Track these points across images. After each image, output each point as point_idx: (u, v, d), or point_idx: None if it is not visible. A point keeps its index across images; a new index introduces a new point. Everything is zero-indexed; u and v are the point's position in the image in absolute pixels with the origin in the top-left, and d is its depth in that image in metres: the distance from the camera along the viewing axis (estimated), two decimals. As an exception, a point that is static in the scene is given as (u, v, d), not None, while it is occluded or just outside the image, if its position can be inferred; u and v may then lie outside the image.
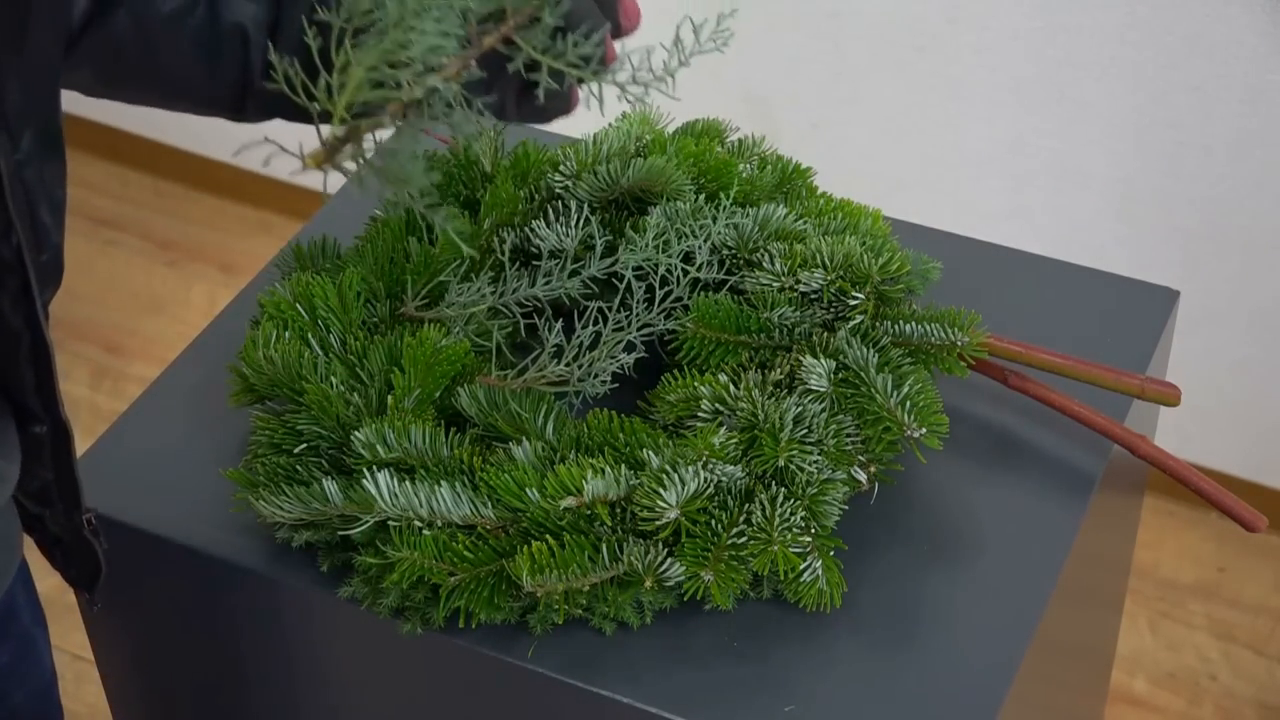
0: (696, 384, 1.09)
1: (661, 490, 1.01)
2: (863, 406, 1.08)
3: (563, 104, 1.05)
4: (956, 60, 2.09)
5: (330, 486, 1.05)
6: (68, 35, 1.00)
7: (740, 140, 1.29)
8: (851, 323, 1.12)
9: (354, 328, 1.14)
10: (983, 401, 1.19)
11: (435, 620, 1.04)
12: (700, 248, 1.15)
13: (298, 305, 1.14)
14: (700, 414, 1.08)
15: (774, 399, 1.07)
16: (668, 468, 1.03)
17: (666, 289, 1.14)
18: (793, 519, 1.03)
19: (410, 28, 0.90)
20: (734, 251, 1.16)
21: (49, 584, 2.31)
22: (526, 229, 1.19)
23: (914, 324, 1.11)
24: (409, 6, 0.91)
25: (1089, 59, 2.01)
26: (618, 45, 1.01)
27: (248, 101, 1.08)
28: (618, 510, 1.03)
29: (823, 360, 1.09)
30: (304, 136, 0.94)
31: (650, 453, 1.05)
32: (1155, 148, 2.04)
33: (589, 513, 1.03)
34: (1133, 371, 1.18)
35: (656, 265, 1.15)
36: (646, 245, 1.15)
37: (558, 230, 1.17)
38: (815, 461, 1.05)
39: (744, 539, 1.02)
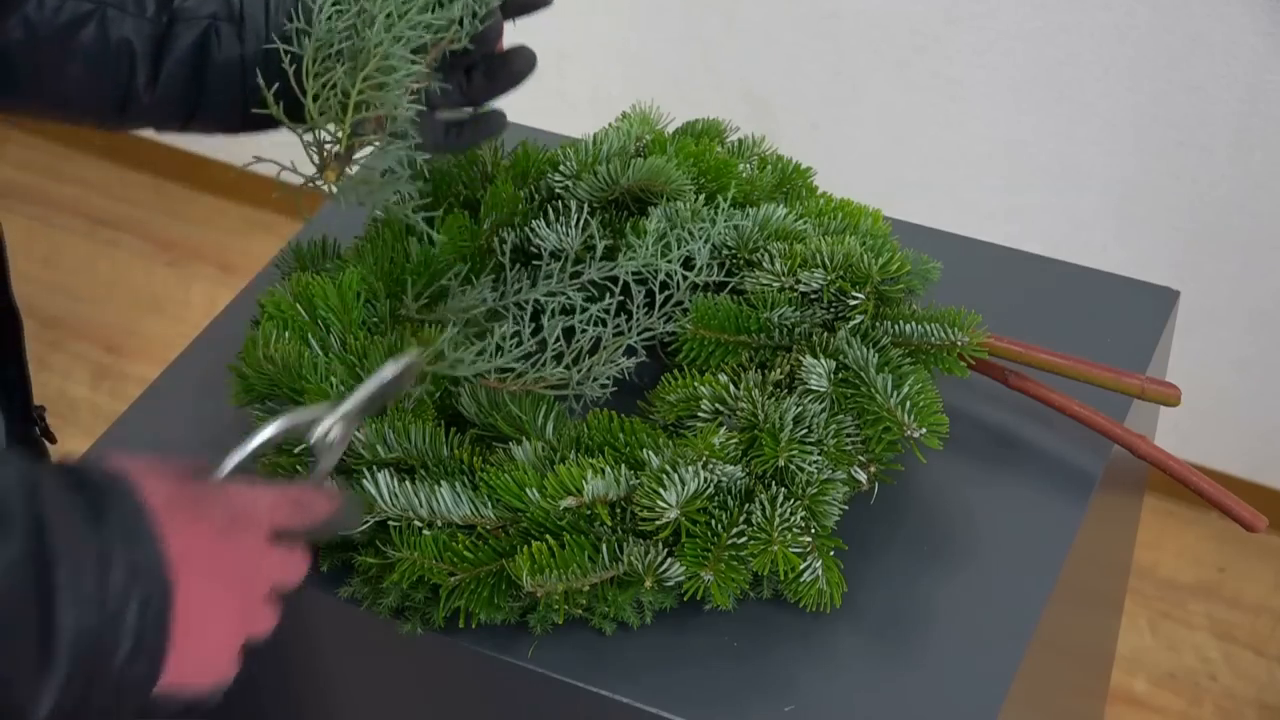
0: (696, 384, 1.09)
1: (661, 490, 1.01)
2: (863, 406, 1.07)
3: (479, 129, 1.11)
4: (956, 60, 2.09)
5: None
6: None
7: (740, 140, 1.29)
8: (851, 323, 1.11)
9: (354, 328, 1.14)
10: (983, 401, 1.19)
11: (435, 620, 1.04)
12: (700, 249, 1.15)
13: (298, 305, 1.14)
14: (700, 414, 1.08)
15: (774, 399, 1.07)
16: (668, 468, 1.02)
17: (667, 293, 1.14)
18: (793, 519, 1.02)
19: (389, 54, 0.97)
20: (734, 252, 1.16)
21: (49, 584, 2.27)
22: (527, 229, 1.19)
23: (914, 324, 1.11)
24: (388, 32, 0.97)
25: (1089, 59, 2.01)
26: None
27: (126, 112, 1.09)
28: (618, 510, 1.03)
29: (823, 360, 1.09)
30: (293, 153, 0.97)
31: (650, 453, 1.04)
32: (1155, 148, 2.04)
33: (589, 513, 1.02)
34: (1133, 371, 1.18)
35: (656, 270, 1.14)
36: (646, 249, 1.14)
37: (558, 230, 1.17)
38: (815, 461, 1.04)
39: (744, 539, 1.02)
